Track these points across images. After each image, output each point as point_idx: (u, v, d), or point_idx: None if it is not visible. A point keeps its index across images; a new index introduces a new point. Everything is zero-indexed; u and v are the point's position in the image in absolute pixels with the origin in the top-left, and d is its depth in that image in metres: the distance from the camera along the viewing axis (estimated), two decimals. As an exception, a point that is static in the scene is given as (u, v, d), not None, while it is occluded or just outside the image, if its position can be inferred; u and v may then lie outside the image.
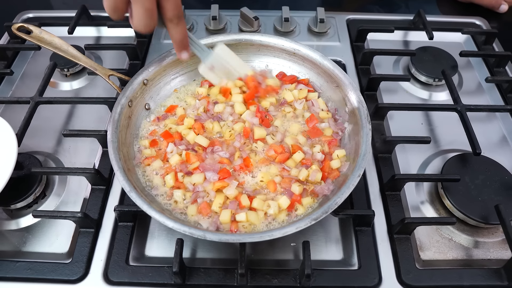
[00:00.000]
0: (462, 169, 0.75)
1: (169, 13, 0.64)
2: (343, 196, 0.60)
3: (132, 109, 0.76)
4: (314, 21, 1.02)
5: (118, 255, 0.67)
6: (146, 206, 0.59)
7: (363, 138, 0.68)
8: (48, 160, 0.79)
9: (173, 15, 0.65)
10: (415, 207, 0.75)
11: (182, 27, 0.68)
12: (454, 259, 0.69)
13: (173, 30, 0.67)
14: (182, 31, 0.68)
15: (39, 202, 0.74)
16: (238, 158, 0.70)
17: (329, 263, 0.68)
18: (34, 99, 0.82)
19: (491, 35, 1.00)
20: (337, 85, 0.77)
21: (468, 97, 0.92)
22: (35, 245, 0.69)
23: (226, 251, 0.68)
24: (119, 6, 0.62)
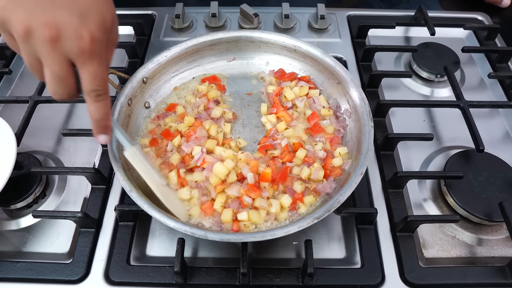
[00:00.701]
0: (465, 166, 0.75)
1: (85, 84, 0.52)
2: (346, 194, 0.59)
3: (131, 107, 0.75)
4: (314, 17, 1.01)
5: (119, 255, 0.66)
6: (147, 206, 0.58)
7: (365, 136, 0.67)
8: (47, 160, 0.79)
9: (90, 88, 0.52)
10: (418, 205, 0.74)
11: (102, 104, 0.55)
12: (458, 257, 0.69)
13: (90, 107, 0.55)
14: (101, 109, 0.55)
15: (39, 202, 0.74)
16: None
17: (331, 261, 0.67)
18: (33, 98, 0.81)
19: (493, 30, 0.99)
20: (339, 82, 0.76)
21: (471, 93, 0.91)
22: (35, 245, 0.69)
23: (227, 250, 0.68)
24: (34, 67, 0.52)
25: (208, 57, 0.84)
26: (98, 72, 0.52)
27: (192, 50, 0.81)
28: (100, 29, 0.50)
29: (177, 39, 1.00)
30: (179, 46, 0.80)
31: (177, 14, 1.00)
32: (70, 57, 0.50)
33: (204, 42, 0.82)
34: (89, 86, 0.52)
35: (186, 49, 0.81)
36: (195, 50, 0.82)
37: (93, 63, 0.51)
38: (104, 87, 0.54)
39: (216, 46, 0.83)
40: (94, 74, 0.51)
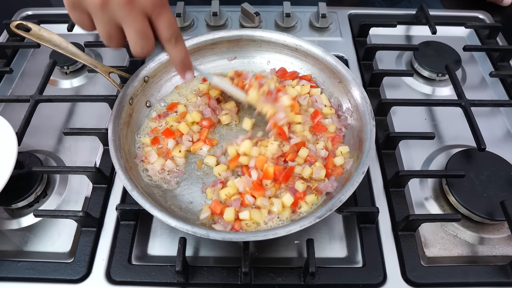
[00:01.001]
0: (467, 165, 0.74)
1: (164, 33, 0.59)
2: (347, 193, 0.59)
3: (133, 106, 0.75)
4: (315, 16, 1.01)
5: (121, 254, 0.66)
6: (148, 205, 0.58)
7: (366, 135, 0.67)
8: (48, 159, 0.79)
9: (169, 34, 0.60)
10: (419, 204, 0.74)
11: (181, 46, 0.63)
12: (459, 256, 0.68)
13: (172, 51, 0.62)
14: (182, 50, 0.63)
15: (40, 201, 0.74)
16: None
17: (333, 260, 0.67)
18: (34, 98, 0.81)
19: (495, 29, 0.99)
20: (340, 80, 0.76)
21: (472, 92, 0.91)
22: (36, 244, 0.69)
23: (229, 249, 0.68)
24: (112, 34, 0.58)
25: (209, 56, 0.84)
26: (172, 19, 0.59)
27: (193, 49, 0.81)
28: None
29: (178, 38, 1.00)
30: (180, 45, 0.80)
31: (178, 13, 1.00)
32: (147, 12, 0.56)
33: (205, 41, 0.82)
34: (168, 33, 0.59)
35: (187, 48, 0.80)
36: (196, 49, 0.82)
37: (166, 11, 0.58)
38: (178, 30, 0.61)
39: (217, 45, 0.83)
40: (169, 21, 0.59)
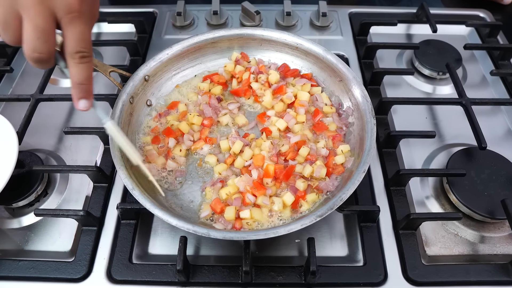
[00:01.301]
0: (468, 163, 0.74)
1: (69, 44, 0.50)
2: (348, 192, 0.59)
3: (133, 105, 0.75)
4: (316, 15, 1.01)
5: (121, 253, 0.66)
6: (149, 204, 0.58)
7: (367, 133, 0.67)
8: (49, 158, 0.79)
9: (75, 48, 0.50)
10: (420, 202, 0.74)
11: (85, 67, 0.53)
12: (460, 255, 0.68)
13: (72, 69, 0.52)
14: (84, 72, 0.53)
15: (41, 200, 0.74)
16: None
17: (334, 259, 0.67)
18: (35, 96, 0.81)
19: (495, 27, 0.98)
20: (341, 79, 0.76)
21: (472, 90, 0.91)
22: (37, 243, 0.69)
23: (230, 248, 0.68)
24: (9, 22, 0.49)
25: (210, 54, 0.84)
26: (85, 33, 0.51)
27: (194, 48, 0.81)
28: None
29: (178, 36, 1.00)
30: (180, 44, 0.80)
31: (178, 11, 1.00)
32: (57, 14, 0.49)
33: (205, 40, 0.81)
34: (74, 47, 0.50)
35: (187, 47, 0.80)
36: (197, 48, 0.82)
37: (81, 23, 0.50)
38: (89, 49, 0.52)
39: (218, 43, 0.83)
40: (80, 34, 0.50)
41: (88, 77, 0.54)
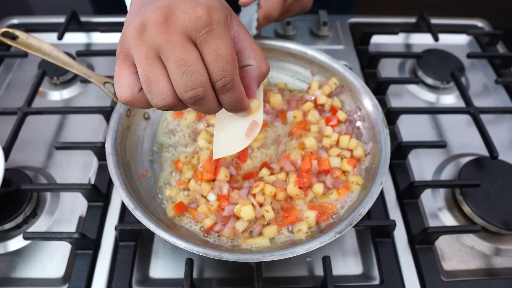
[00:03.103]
0: (480, 173, 0.72)
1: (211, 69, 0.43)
2: (367, 206, 0.56)
3: (130, 119, 0.70)
4: (316, 24, 0.99)
5: (120, 278, 0.61)
6: (154, 226, 0.53)
7: (381, 143, 0.64)
8: (38, 176, 0.73)
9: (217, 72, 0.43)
10: (433, 215, 0.71)
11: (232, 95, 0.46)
12: (478, 269, 0.66)
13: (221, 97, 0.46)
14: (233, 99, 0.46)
15: (30, 222, 0.68)
16: None
17: (349, 278, 0.64)
18: (22, 110, 0.76)
19: (495, 36, 0.98)
20: (350, 89, 0.73)
21: (476, 99, 0.89)
22: (26, 270, 0.63)
23: (237, 269, 0.64)
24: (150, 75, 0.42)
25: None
26: (221, 49, 0.42)
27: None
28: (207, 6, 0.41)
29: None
30: (179, 53, 0.76)
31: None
32: (190, 35, 0.41)
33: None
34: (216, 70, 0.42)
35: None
36: (196, 58, 0.78)
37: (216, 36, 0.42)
38: (231, 70, 0.43)
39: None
40: (217, 51, 0.42)
41: (239, 99, 0.46)
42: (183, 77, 0.41)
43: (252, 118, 0.52)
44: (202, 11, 0.41)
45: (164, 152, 0.71)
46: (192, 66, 0.41)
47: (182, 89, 0.42)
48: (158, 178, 0.67)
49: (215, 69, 0.42)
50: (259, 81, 0.50)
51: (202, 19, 0.41)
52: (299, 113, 0.73)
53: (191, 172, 0.65)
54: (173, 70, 0.41)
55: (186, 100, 0.43)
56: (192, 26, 0.41)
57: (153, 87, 0.43)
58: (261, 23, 0.66)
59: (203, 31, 0.41)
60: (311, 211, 0.60)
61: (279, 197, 0.62)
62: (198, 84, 0.42)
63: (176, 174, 0.68)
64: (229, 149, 0.53)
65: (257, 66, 0.49)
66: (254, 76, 0.49)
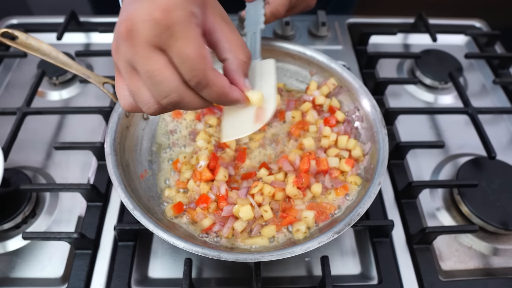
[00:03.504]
0: (478, 173, 0.73)
1: (180, 71, 0.44)
2: (365, 206, 0.56)
3: (129, 119, 0.70)
4: (315, 24, 0.99)
5: (119, 278, 0.61)
6: (152, 226, 0.53)
7: (379, 144, 0.64)
8: (37, 176, 0.73)
9: (187, 74, 0.43)
10: (431, 215, 0.72)
11: (211, 91, 0.46)
12: (476, 268, 0.66)
13: (200, 95, 0.46)
14: (213, 94, 0.46)
15: (29, 222, 0.68)
16: None
17: (347, 278, 0.64)
18: (21, 110, 0.76)
19: (493, 36, 0.99)
20: (348, 89, 0.73)
21: (474, 99, 0.90)
22: (25, 270, 0.63)
23: (236, 269, 0.64)
24: (132, 88, 0.44)
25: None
26: (187, 49, 0.41)
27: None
28: (162, 9, 0.41)
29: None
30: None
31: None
32: (155, 43, 0.41)
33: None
34: (185, 71, 0.42)
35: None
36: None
37: (179, 38, 0.41)
38: (201, 68, 0.42)
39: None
40: (182, 53, 0.41)
41: (220, 93, 0.45)
42: (155, 87, 0.43)
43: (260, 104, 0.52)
44: (160, 15, 0.41)
45: (163, 152, 0.71)
46: (159, 76, 0.42)
47: (158, 98, 0.44)
48: (157, 178, 0.68)
49: (184, 70, 0.42)
50: (242, 72, 0.49)
51: (161, 24, 0.41)
52: (297, 114, 0.73)
53: (190, 172, 0.65)
54: (145, 81, 0.43)
55: (166, 107, 0.44)
56: (154, 34, 0.41)
57: (137, 98, 0.45)
58: (268, 19, 0.66)
59: (165, 36, 0.41)
60: (310, 211, 0.61)
61: (277, 197, 0.63)
62: (169, 91, 0.43)
63: (175, 174, 0.68)
64: (236, 132, 0.53)
65: (234, 58, 0.48)
66: (234, 69, 0.48)
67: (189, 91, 0.44)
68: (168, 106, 0.45)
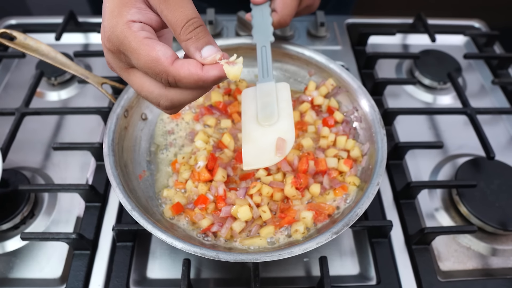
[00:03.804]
0: (476, 174, 0.73)
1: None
2: (364, 206, 0.56)
3: (128, 119, 0.70)
4: (313, 25, 0.99)
5: (118, 279, 0.61)
6: (151, 226, 0.53)
7: (377, 144, 0.64)
8: (36, 176, 0.73)
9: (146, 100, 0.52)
10: (430, 215, 0.72)
11: (172, 111, 0.51)
12: (475, 269, 0.66)
13: None
14: (173, 110, 0.51)
15: (27, 223, 0.68)
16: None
17: (346, 278, 0.64)
18: (20, 110, 0.76)
19: (492, 37, 0.99)
20: (346, 90, 0.73)
21: (472, 99, 0.90)
22: (23, 270, 0.63)
23: (234, 270, 0.64)
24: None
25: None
26: (131, 81, 0.48)
27: None
28: (106, 39, 0.46)
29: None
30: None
31: (171, 21, 0.96)
32: (121, 67, 0.49)
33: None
34: (157, 79, 0.46)
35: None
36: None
37: (121, 75, 0.49)
38: (161, 70, 0.44)
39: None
40: (131, 84, 0.49)
41: (192, 82, 0.45)
42: (147, 99, 0.49)
43: (281, 133, 0.55)
44: (108, 44, 0.46)
45: (161, 153, 0.71)
46: (143, 91, 0.48)
47: (155, 105, 0.49)
48: (155, 179, 0.68)
49: (152, 76, 0.46)
50: (193, 47, 0.46)
51: (111, 50, 0.46)
52: (296, 114, 0.73)
53: (188, 173, 0.65)
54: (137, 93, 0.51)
55: (163, 109, 0.49)
56: (116, 61, 0.48)
57: (148, 99, 0.49)
58: (274, 27, 0.66)
59: (123, 58, 0.46)
60: (308, 211, 0.61)
61: (276, 198, 0.63)
62: (157, 98, 0.47)
63: (173, 174, 0.68)
64: (258, 162, 0.55)
65: (180, 38, 0.46)
66: (186, 48, 0.46)
67: (173, 90, 0.46)
68: (165, 111, 0.49)
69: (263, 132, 0.56)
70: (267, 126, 0.57)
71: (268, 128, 0.56)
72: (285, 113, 0.57)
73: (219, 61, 0.45)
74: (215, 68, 0.45)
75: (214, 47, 0.46)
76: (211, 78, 0.45)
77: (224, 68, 0.45)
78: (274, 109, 0.57)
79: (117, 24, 0.45)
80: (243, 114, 0.60)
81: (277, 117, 0.56)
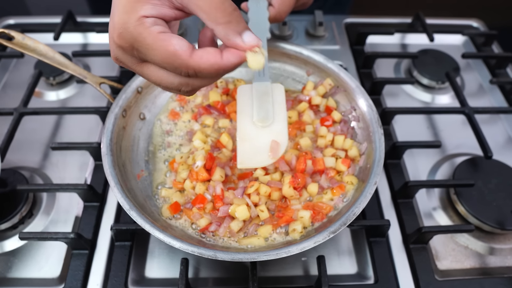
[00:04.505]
0: (474, 173, 0.73)
1: None
2: (361, 206, 0.56)
3: (126, 119, 0.70)
4: (312, 24, 0.99)
5: (116, 278, 0.61)
6: (149, 226, 0.53)
7: (375, 143, 0.65)
8: (34, 176, 0.73)
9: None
10: (428, 214, 0.72)
11: (191, 93, 0.51)
12: (472, 268, 0.66)
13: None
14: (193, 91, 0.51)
15: (26, 222, 0.68)
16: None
17: (343, 277, 0.64)
18: (18, 110, 0.76)
19: (491, 36, 0.99)
20: (344, 89, 0.73)
21: (470, 99, 0.90)
22: (22, 270, 0.63)
23: (232, 269, 0.64)
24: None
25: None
26: (147, 75, 0.48)
27: None
28: (117, 36, 0.46)
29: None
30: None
31: (170, 21, 0.96)
32: (134, 62, 0.49)
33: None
34: (176, 72, 0.46)
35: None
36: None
37: (134, 69, 0.49)
38: (180, 64, 0.44)
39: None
40: (147, 78, 0.48)
41: (212, 70, 0.44)
42: (167, 89, 0.49)
43: (275, 135, 0.56)
44: (119, 40, 0.45)
45: (159, 152, 0.71)
46: (162, 83, 0.47)
47: (177, 92, 0.49)
48: (153, 179, 0.68)
49: (171, 70, 0.45)
50: (233, 32, 0.45)
51: (125, 48, 0.45)
52: (294, 113, 0.73)
53: (186, 172, 0.65)
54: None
55: (184, 94, 0.50)
56: (128, 57, 0.47)
57: (168, 89, 0.50)
58: (269, 22, 0.66)
59: (136, 53, 0.45)
60: (306, 211, 0.61)
61: (274, 197, 0.63)
62: (177, 87, 0.47)
63: (171, 174, 0.68)
64: (253, 162, 0.57)
65: (217, 27, 0.44)
66: (223, 36, 0.45)
67: (193, 78, 0.46)
68: (180, 92, 0.49)
69: (258, 132, 0.58)
70: (262, 127, 0.58)
71: (262, 129, 0.58)
72: (279, 116, 0.58)
73: None
74: (235, 56, 0.45)
75: (253, 33, 0.46)
76: (232, 65, 0.45)
77: (248, 57, 0.45)
78: (269, 111, 0.58)
79: (129, 20, 0.44)
80: (238, 112, 0.61)
81: (272, 119, 0.58)
